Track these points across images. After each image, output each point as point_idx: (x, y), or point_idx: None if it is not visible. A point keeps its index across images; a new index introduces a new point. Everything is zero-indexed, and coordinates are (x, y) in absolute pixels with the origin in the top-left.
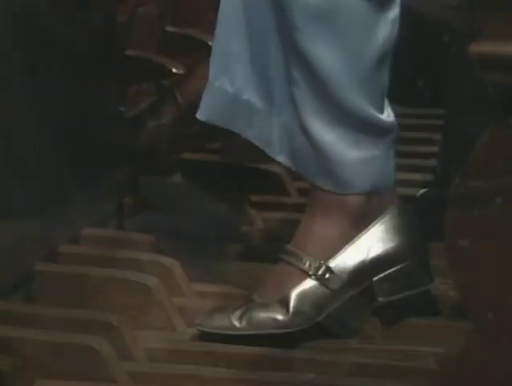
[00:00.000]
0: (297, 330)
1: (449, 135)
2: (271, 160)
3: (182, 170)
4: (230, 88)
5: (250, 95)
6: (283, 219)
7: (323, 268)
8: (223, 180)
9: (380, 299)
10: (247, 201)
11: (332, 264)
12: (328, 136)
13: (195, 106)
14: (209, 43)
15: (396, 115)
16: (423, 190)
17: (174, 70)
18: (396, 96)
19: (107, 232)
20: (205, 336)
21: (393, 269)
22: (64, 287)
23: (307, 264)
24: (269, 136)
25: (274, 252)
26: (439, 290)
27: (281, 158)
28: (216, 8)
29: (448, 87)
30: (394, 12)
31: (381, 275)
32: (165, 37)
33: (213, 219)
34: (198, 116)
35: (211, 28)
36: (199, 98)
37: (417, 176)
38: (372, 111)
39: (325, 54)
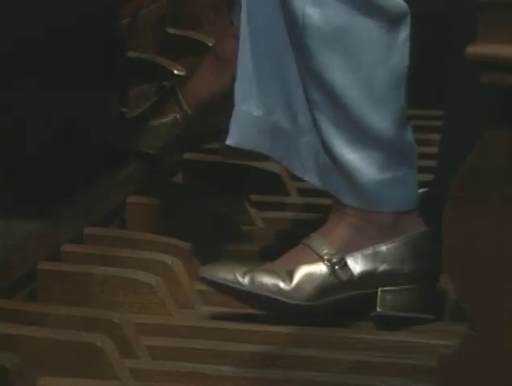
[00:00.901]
0: (295, 307)
1: (448, 136)
2: (271, 160)
3: (183, 169)
4: (257, 110)
5: (277, 117)
6: (283, 218)
7: (338, 257)
8: (223, 180)
9: (379, 310)
10: (247, 201)
11: (348, 258)
12: (351, 156)
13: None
14: (210, 44)
15: None
16: (421, 190)
17: (175, 71)
18: None
19: (110, 231)
20: (207, 283)
21: (401, 287)
22: (66, 285)
23: (325, 250)
24: (295, 156)
25: (274, 251)
26: (437, 289)
27: (307, 177)
28: (216, 10)
29: (448, 88)
30: (405, 32)
31: (389, 288)
32: (166, 38)
33: (213, 218)
34: (228, 142)
35: (212, 30)
36: (200, 99)
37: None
38: (393, 131)
39: (341, 76)
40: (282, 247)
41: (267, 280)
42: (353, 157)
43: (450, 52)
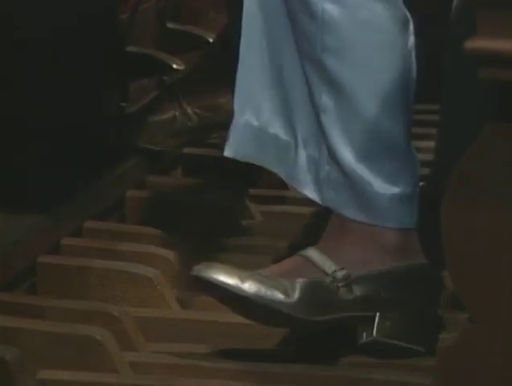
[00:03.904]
0: (297, 321)
1: (446, 130)
2: None
3: (182, 164)
4: (256, 122)
5: (276, 129)
6: (282, 212)
7: (343, 273)
8: (223, 174)
9: (375, 335)
10: (246, 194)
11: (353, 276)
12: (360, 164)
13: None
14: (210, 39)
15: None
16: (420, 184)
17: (174, 66)
18: None
19: (109, 224)
20: (201, 285)
21: (400, 315)
22: (66, 279)
23: (327, 264)
24: (295, 169)
25: (274, 245)
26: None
27: (307, 191)
28: (216, 7)
29: (445, 82)
30: (413, 37)
31: (387, 314)
32: (166, 33)
33: (213, 212)
34: (225, 153)
35: (211, 25)
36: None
37: None
38: (403, 139)
39: (355, 77)
40: (281, 241)
41: (269, 288)
42: (363, 166)
43: (446, 47)
